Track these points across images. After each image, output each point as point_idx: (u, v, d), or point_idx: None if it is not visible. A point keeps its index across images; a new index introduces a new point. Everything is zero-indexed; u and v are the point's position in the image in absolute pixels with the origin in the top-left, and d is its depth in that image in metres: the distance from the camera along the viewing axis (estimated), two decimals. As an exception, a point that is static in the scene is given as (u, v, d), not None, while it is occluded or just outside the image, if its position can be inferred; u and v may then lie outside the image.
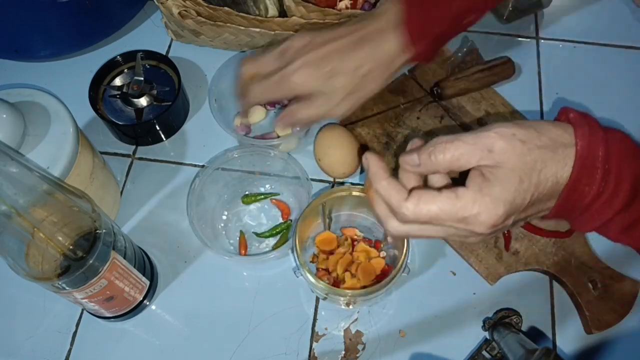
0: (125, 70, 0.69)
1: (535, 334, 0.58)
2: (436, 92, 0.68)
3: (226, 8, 0.65)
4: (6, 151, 0.40)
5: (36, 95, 0.55)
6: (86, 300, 0.51)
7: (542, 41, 0.77)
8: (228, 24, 0.66)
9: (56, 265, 0.46)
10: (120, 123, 0.66)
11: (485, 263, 0.60)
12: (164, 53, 0.75)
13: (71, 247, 0.46)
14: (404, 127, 0.68)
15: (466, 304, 0.59)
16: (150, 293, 0.59)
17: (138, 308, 0.58)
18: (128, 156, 0.69)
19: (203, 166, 0.67)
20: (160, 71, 0.69)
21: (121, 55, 0.68)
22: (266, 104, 0.69)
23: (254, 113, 0.69)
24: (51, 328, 0.59)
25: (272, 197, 0.65)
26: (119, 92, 0.67)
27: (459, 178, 0.41)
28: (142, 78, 0.67)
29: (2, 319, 0.60)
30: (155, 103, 0.67)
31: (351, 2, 0.68)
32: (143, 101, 0.67)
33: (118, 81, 0.69)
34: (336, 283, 0.57)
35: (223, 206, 0.64)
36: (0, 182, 0.39)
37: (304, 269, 0.53)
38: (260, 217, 0.64)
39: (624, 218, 0.39)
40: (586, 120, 0.39)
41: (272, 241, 0.63)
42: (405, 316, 0.59)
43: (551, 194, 0.39)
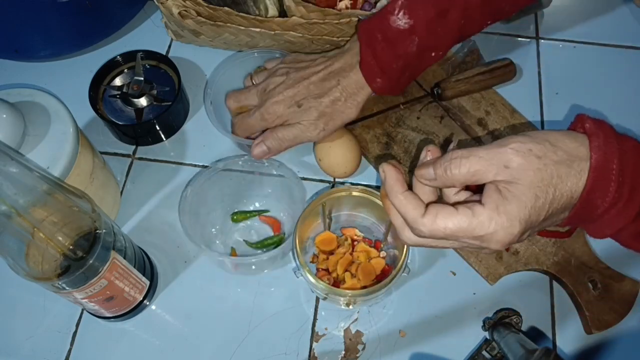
0: (125, 70, 0.69)
1: (535, 334, 0.58)
2: (437, 93, 0.68)
3: (226, 8, 0.65)
4: (6, 151, 0.40)
5: (36, 95, 0.55)
6: (86, 300, 0.51)
7: (542, 41, 0.77)
8: (228, 24, 0.66)
9: (56, 265, 0.46)
10: (120, 123, 0.66)
11: (485, 263, 0.60)
12: (164, 53, 0.75)
13: (71, 247, 0.46)
14: (404, 127, 0.68)
15: (466, 304, 0.59)
16: (150, 293, 0.59)
17: (138, 308, 0.58)
18: (128, 156, 0.69)
19: (203, 166, 0.67)
20: (160, 71, 0.69)
21: (121, 55, 0.68)
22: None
23: None
24: (51, 328, 0.59)
25: (262, 214, 0.64)
26: (119, 92, 0.67)
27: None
28: (142, 78, 0.67)
29: (2, 319, 0.59)
30: (155, 103, 0.67)
31: (351, 2, 0.67)
32: (143, 101, 0.67)
33: (118, 81, 0.69)
34: (336, 283, 0.57)
35: (212, 225, 0.63)
36: (0, 182, 0.39)
37: (304, 269, 0.53)
38: (250, 234, 0.63)
39: (637, 226, 0.40)
40: (602, 129, 0.39)
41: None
42: (405, 316, 0.59)
43: (565, 207, 0.39)
